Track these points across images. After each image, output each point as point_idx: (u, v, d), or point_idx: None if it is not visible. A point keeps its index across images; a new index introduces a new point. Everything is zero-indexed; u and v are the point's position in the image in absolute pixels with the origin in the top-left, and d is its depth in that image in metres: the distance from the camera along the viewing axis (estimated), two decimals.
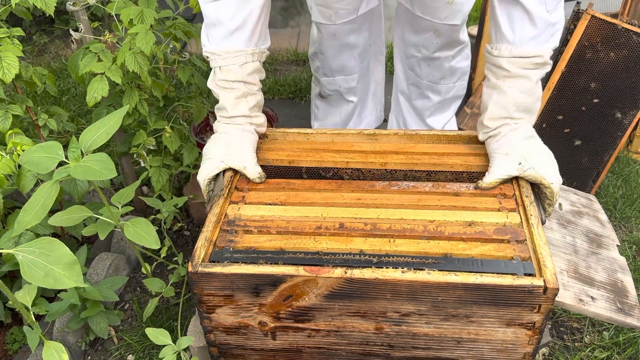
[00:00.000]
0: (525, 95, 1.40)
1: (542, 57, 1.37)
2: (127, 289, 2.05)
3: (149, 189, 2.47)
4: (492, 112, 1.44)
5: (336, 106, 2.30)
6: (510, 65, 1.38)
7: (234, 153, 1.49)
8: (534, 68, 1.38)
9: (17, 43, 1.62)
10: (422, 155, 1.54)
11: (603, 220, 1.83)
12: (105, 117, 1.39)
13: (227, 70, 1.48)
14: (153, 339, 1.45)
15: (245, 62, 1.48)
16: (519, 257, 1.22)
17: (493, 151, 1.45)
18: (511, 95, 1.40)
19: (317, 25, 1.99)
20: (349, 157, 1.55)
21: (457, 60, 2.05)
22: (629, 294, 1.54)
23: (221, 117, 1.55)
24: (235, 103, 1.51)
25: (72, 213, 1.50)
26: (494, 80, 1.43)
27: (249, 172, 1.49)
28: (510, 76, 1.39)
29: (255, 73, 1.53)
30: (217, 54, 1.48)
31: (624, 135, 2.17)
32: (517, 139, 1.41)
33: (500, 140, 1.43)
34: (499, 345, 1.28)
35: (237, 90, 1.50)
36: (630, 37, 2.02)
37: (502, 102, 1.42)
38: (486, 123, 1.46)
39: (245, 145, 1.51)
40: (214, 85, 1.52)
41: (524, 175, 1.39)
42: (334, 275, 1.20)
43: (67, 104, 3.12)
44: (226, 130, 1.53)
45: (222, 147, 1.50)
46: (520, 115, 1.43)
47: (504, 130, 1.44)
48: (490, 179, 1.42)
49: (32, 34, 4.07)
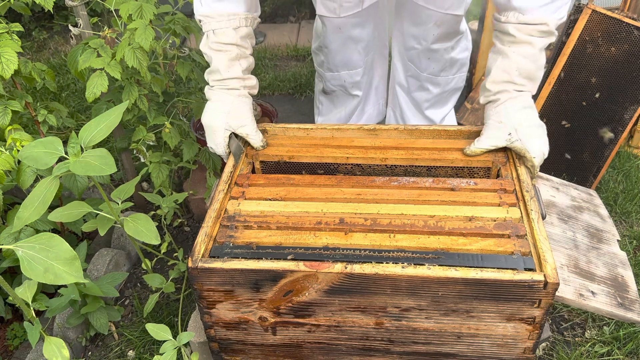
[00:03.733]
0: (528, 60, 1.44)
1: (548, 26, 1.41)
2: (127, 284, 2.05)
3: (148, 185, 2.47)
4: (494, 76, 1.48)
5: (340, 101, 2.30)
6: (516, 31, 1.43)
7: (235, 121, 1.54)
8: (539, 36, 1.43)
9: (16, 39, 1.61)
10: (423, 151, 1.54)
11: (603, 215, 1.82)
12: (105, 113, 1.38)
13: (221, 33, 1.52)
14: (153, 335, 1.45)
15: (238, 26, 1.53)
16: (519, 252, 1.22)
17: (488, 117, 1.51)
18: (514, 59, 1.45)
19: (321, 18, 1.98)
20: (349, 153, 1.54)
21: (457, 52, 2.05)
22: (630, 289, 1.54)
23: (214, 81, 1.58)
24: (229, 65, 1.54)
25: (71, 209, 1.50)
26: (500, 45, 1.48)
27: (252, 139, 1.56)
28: (515, 42, 1.44)
29: (247, 38, 1.58)
30: (210, 16, 1.51)
31: (625, 130, 2.17)
32: (514, 108, 1.46)
33: (498, 107, 1.48)
34: (499, 340, 1.28)
35: (230, 52, 1.54)
36: (631, 32, 2.02)
37: (505, 66, 1.46)
38: (488, 86, 1.50)
39: (244, 112, 1.56)
40: (207, 48, 1.56)
41: (511, 146, 1.45)
42: (334, 270, 1.20)
43: (67, 100, 3.12)
44: (222, 99, 1.57)
45: (222, 116, 1.54)
46: (522, 82, 1.47)
47: (503, 97, 1.48)
48: (479, 145, 1.48)
49: (31, 29, 4.06)
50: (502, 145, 1.46)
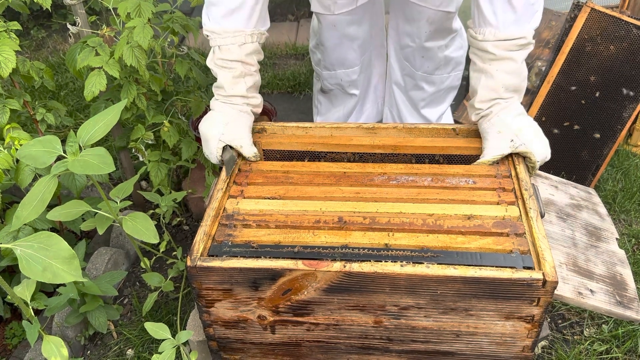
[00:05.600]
0: (511, 76, 1.46)
1: (526, 38, 1.43)
2: (126, 283, 2.05)
3: (147, 184, 2.47)
4: (482, 96, 1.50)
5: (339, 101, 2.30)
6: (495, 48, 1.44)
7: (231, 133, 1.53)
8: (518, 49, 1.44)
9: (14, 37, 1.61)
10: (422, 150, 1.54)
11: (602, 214, 1.82)
12: (103, 112, 1.38)
13: (226, 49, 1.52)
14: (152, 333, 1.45)
15: (244, 43, 1.52)
16: (518, 250, 1.22)
17: (485, 130, 1.51)
18: (499, 77, 1.46)
19: (316, 15, 1.99)
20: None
21: (451, 50, 2.05)
22: (628, 287, 1.54)
23: (219, 95, 1.58)
24: (233, 82, 1.54)
25: (70, 207, 1.50)
26: (481, 64, 1.49)
27: (245, 151, 1.55)
28: (496, 59, 1.45)
29: (254, 54, 1.56)
30: (216, 32, 1.51)
31: (624, 128, 2.17)
32: (509, 116, 1.47)
33: (493, 119, 1.49)
34: (498, 339, 1.28)
35: (235, 69, 1.53)
36: (630, 30, 2.02)
37: (491, 85, 1.48)
38: (477, 106, 1.52)
39: (242, 126, 1.56)
40: (213, 64, 1.56)
41: (515, 152, 1.46)
42: (332, 269, 1.20)
43: (65, 99, 3.12)
44: (223, 110, 1.57)
45: (219, 126, 1.54)
46: (509, 95, 1.49)
47: (495, 109, 1.49)
48: (485, 159, 1.48)
49: (29, 28, 4.05)
50: (507, 152, 1.46)
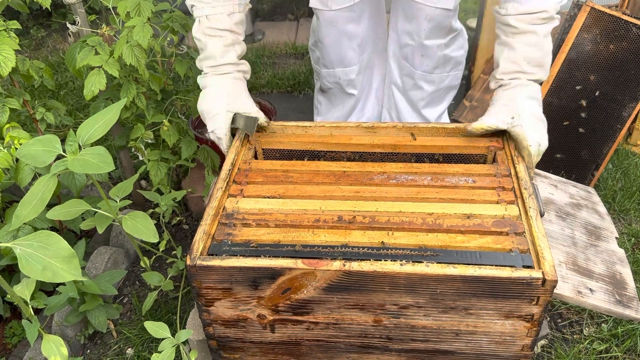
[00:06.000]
0: (533, 48, 1.47)
1: (548, 12, 1.43)
2: (126, 282, 2.05)
3: (147, 183, 2.47)
4: (504, 68, 1.51)
5: (338, 101, 2.29)
6: (517, 22, 1.45)
7: (235, 102, 1.56)
8: (541, 23, 1.45)
9: (14, 36, 1.61)
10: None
11: (602, 213, 1.83)
12: (103, 111, 1.38)
13: (216, 18, 1.54)
14: (152, 333, 1.45)
15: (232, 12, 1.55)
16: (518, 249, 1.22)
17: (495, 99, 1.53)
18: (520, 50, 1.47)
19: (315, 11, 1.99)
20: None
21: (451, 49, 2.06)
22: (628, 286, 1.54)
23: (208, 68, 1.60)
24: (224, 51, 1.57)
25: (70, 207, 1.50)
26: (504, 37, 1.51)
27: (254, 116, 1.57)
28: (518, 32, 1.47)
29: (240, 24, 1.60)
30: (204, 1, 1.54)
31: (623, 127, 2.17)
32: (521, 95, 1.48)
33: (507, 91, 1.50)
34: (497, 338, 1.28)
35: (225, 38, 1.56)
36: (630, 29, 2.02)
37: (513, 57, 1.48)
38: (499, 77, 1.53)
39: (242, 93, 1.59)
40: (201, 33, 1.57)
41: (511, 130, 1.47)
42: (332, 268, 1.20)
43: (65, 98, 3.12)
44: (218, 82, 1.59)
45: (222, 98, 1.56)
46: (532, 70, 1.49)
47: (514, 83, 1.50)
48: (483, 122, 1.50)
49: (29, 27, 4.05)
50: (504, 127, 1.47)
